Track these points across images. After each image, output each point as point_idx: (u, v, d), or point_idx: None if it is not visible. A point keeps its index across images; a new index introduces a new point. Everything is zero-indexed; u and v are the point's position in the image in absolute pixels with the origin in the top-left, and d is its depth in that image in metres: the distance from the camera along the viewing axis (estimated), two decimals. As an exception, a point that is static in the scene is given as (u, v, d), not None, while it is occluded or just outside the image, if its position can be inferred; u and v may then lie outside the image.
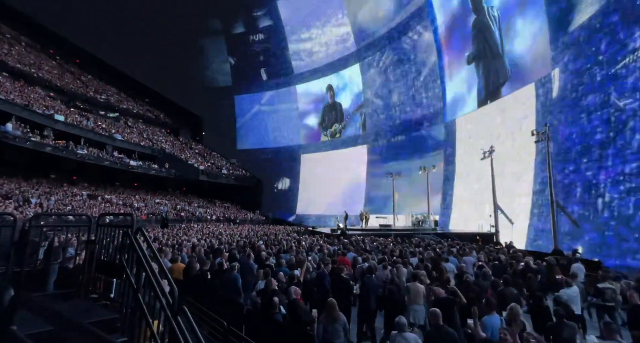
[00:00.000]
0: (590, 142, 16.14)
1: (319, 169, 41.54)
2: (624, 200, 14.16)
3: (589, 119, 16.26)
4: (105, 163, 29.68)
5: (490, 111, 24.26)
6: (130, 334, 2.42)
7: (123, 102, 43.56)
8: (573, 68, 17.51)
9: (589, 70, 16.36)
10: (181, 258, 8.21)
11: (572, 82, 17.56)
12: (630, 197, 13.92)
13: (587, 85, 16.48)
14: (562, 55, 18.34)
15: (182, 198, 36.76)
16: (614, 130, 14.94)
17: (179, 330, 2.10)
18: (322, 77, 42.05)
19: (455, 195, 27.09)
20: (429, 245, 13.05)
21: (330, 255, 9.31)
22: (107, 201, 27.16)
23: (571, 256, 10.87)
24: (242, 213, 37.99)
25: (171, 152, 38.06)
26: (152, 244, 3.06)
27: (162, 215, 27.99)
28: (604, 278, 6.89)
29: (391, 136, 34.80)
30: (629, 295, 6.01)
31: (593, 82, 16.15)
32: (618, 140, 14.70)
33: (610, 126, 15.14)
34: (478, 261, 8.89)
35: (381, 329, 6.06)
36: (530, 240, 19.22)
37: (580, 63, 17.03)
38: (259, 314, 5.01)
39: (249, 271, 7.19)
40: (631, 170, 14.00)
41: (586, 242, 15.62)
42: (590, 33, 16.49)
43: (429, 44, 30.64)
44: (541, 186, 18.76)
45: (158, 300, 2.31)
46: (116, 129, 35.77)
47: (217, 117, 49.08)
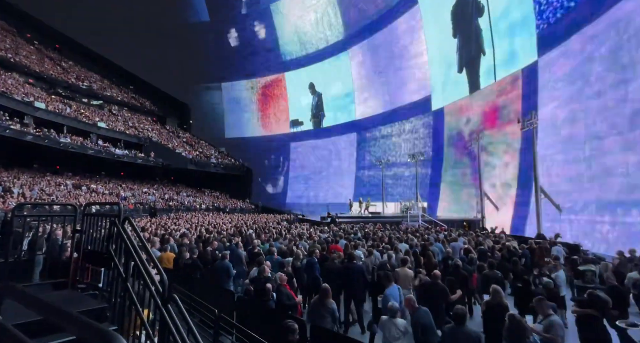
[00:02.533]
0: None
1: (308, 157, 41.48)
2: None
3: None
4: (89, 152, 29.01)
5: (479, 98, 24.44)
6: (120, 323, 2.43)
7: (107, 89, 42.32)
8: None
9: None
10: (170, 248, 8.18)
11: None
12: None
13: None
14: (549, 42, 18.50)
15: (170, 188, 36.37)
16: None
17: (169, 318, 2.11)
18: (311, 65, 41.51)
19: (443, 182, 27.48)
20: (417, 231, 13.30)
21: (320, 243, 9.41)
22: (93, 191, 26.68)
23: (553, 240, 11.25)
24: (231, 202, 37.86)
25: (158, 141, 37.40)
26: (141, 233, 3.04)
27: (150, 205, 27.69)
28: (585, 261, 7.18)
29: (381, 124, 34.83)
30: (606, 276, 6.30)
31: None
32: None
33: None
34: (464, 246, 9.11)
35: (368, 313, 6.22)
36: (515, 225, 19.74)
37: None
38: (250, 301, 5.06)
39: (238, 260, 7.23)
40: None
41: (567, 226, 16.13)
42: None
43: (416, 30, 30.43)
44: (526, 173, 19.15)
45: (147, 288, 2.31)
46: (100, 117, 34.86)
47: (205, 105, 48.15)
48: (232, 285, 6.60)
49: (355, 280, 5.82)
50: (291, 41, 42.70)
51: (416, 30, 30.65)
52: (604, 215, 14.58)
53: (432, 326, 4.06)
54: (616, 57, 14.62)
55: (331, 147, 39.74)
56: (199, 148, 42.60)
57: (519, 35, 20.80)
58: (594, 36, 15.75)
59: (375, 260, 7.22)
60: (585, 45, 16.15)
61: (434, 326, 4.07)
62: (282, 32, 43.16)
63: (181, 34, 47.24)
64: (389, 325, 3.96)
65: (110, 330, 0.85)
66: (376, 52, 35.08)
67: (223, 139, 47.13)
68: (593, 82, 15.65)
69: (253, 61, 45.17)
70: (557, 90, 17.85)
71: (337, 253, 7.38)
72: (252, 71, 45.48)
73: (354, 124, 37.92)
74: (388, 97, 34.24)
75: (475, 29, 24.89)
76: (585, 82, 16.06)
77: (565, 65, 17.40)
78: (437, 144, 28.51)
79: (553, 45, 18.18)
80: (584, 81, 16.19)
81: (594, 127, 15.48)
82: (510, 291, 6.93)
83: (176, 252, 7.73)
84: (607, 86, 14.92)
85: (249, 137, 45.87)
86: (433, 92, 29.48)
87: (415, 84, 31.38)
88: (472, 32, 25.24)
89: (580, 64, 16.45)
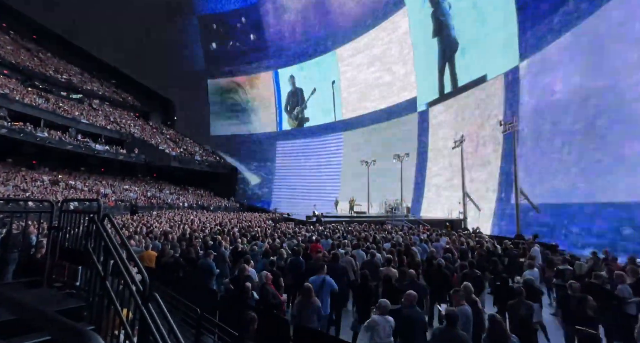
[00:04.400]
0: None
1: (295, 156, 41.37)
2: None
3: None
4: (68, 147, 28.11)
5: (462, 100, 24.91)
6: (98, 322, 2.36)
7: (87, 83, 41.12)
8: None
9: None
10: (152, 246, 8.03)
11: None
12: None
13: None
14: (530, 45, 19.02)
15: (152, 185, 35.63)
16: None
17: (149, 317, 2.07)
18: (299, 64, 41.38)
19: (426, 183, 27.90)
20: (401, 230, 13.46)
21: (305, 242, 9.40)
22: (71, 187, 25.87)
23: (531, 240, 11.59)
24: (215, 200, 37.42)
25: (140, 137, 36.58)
26: (121, 231, 2.96)
27: (132, 202, 27.06)
28: (564, 261, 7.43)
29: (368, 124, 35.06)
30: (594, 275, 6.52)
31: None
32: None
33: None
34: (447, 246, 9.27)
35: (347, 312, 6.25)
36: (496, 225, 20.23)
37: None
38: (232, 300, 5.02)
39: (222, 259, 7.16)
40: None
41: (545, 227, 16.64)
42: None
43: (404, 30, 30.75)
44: (506, 175, 19.64)
45: (127, 287, 2.25)
46: (80, 111, 33.82)
47: (190, 101, 47.33)
48: (215, 284, 6.52)
49: (338, 280, 5.83)
50: (279, 39, 42.44)
51: (403, 31, 30.95)
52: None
53: (426, 323, 4.15)
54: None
55: (318, 147, 39.75)
56: (183, 145, 41.89)
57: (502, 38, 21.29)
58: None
59: (359, 259, 7.26)
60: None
61: (426, 323, 4.16)
62: (269, 30, 42.85)
63: (166, 28, 46.31)
64: (382, 324, 3.94)
65: (87, 330, 0.83)
66: (364, 52, 35.26)
67: (208, 137, 46.48)
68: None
69: (240, 58, 44.69)
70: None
71: (322, 253, 7.39)
72: (239, 68, 44.99)
73: (340, 124, 38.03)
74: (375, 97, 34.48)
75: (448, 32, 25.79)
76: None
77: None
78: (422, 144, 28.91)
79: (534, 51, 18.72)
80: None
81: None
82: (489, 290, 7.10)
83: (158, 251, 7.58)
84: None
85: (235, 134, 45.36)
86: (418, 93, 29.87)
87: (401, 84, 31.72)
88: (445, 35, 26.17)
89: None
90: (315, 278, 5.20)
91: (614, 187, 13.47)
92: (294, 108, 41.62)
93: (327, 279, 5.17)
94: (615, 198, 13.45)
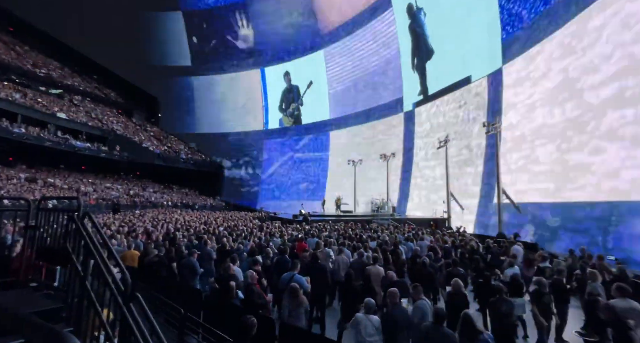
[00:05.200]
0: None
1: (282, 155, 41.23)
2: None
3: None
4: (47, 143, 27.21)
5: (447, 101, 25.31)
6: (77, 324, 2.30)
7: (67, 78, 39.88)
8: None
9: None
10: (135, 245, 7.86)
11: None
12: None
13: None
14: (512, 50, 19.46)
15: (135, 183, 34.88)
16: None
17: (131, 318, 2.02)
18: (286, 62, 41.21)
19: (412, 182, 28.25)
20: (387, 229, 13.59)
21: (291, 241, 9.38)
22: (50, 185, 25.07)
23: (512, 239, 11.89)
24: (201, 199, 36.92)
25: (123, 134, 35.75)
26: (102, 230, 2.89)
27: (113, 201, 26.42)
28: (544, 259, 7.66)
29: (354, 123, 35.23)
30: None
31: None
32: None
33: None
34: (430, 244, 9.41)
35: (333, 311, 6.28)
36: (479, 224, 20.66)
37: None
38: (217, 300, 4.96)
39: (207, 258, 7.07)
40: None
41: (526, 226, 17.10)
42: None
43: (391, 32, 31.02)
44: (489, 175, 20.07)
45: (108, 287, 2.20)
46: (60, 107, 32.79)
47: (175, 98, 46.49)
48: (199, 283, 6.44)
49: (319, 280, 5.84)
50: (266, 36, 42.15)
51: (390, 32, 31.22)
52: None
53: (410, 320, 4.21)
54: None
55: (305, 145, 39.72)
56: (167, 143, 41.16)
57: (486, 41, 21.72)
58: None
59: (345, 259, 7.28)
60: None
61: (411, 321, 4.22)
62: (256, 27, 42.50)
63: (150, 23, 45.36)
64: (365, 322, 3.97)
65: (64, 331, 0.80)
66: (351, 52, 35.40)
67: (193, 134, 45.81)
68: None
69: (226, 55, 44.19)
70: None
71: (308, 252, 7.39)
72: (225, 65, 44.48)
73: (327, 123, 38.10)
74: (361, 97, 34.68)
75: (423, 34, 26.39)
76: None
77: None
78: (408, 144, 29.25)
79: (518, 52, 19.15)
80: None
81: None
82: (471, 287, 7.24)
83: (141, 250, 7.44)
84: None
85: (221, 132, 44.84)
86: (405, 93, 30.20)
87: (388, 84, 31.99)
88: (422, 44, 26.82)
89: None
90: (285, 275, 5.24)
91: (594, 187, 13.92)
92: (290, 105, 41.35)
93: (296, 277, 5.18)
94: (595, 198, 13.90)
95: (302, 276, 5.37)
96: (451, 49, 24.85)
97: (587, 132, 14.37)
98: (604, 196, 13.39)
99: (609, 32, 13.77)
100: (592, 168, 14.00)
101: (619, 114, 13.00)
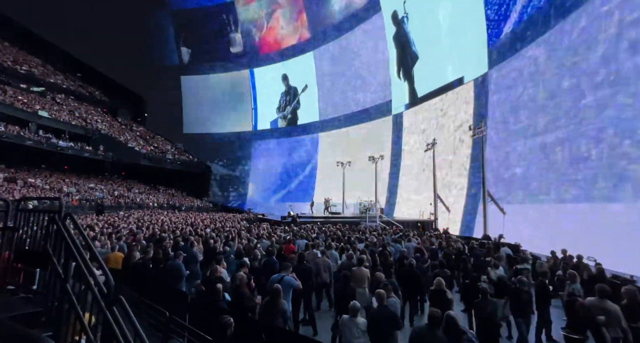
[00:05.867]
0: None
1: (271, 156, 41.05)
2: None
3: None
4: (27, 142, 26.43)
5: (436, 105, 25.66)
6: (57, 328, 2.23)
7: (50, 75, 38.89)
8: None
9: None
10: (119, 247, 7.69)
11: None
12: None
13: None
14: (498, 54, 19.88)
15: (120, 184, 34.18)
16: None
17: (114, 321, 1.98)
18: (276, 63, 41.11)
19: (400, 184, 28.50)
20: (374, 231, 13.65)
21: (279, 243, 9.33)
22: (31, 185, 24.35)
23: (497, 240, 12.10)
24: (188, 200, 36.42)
25: (108, 133, 35.02)
26: (84, 232, 2.82)
27: (97, 202, 25.82)
28: (523, 260, 7.81)
29: (343, 125, 35.36)
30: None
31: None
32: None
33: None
34: (417, 246, 9.50)
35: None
36: (464, 226, 20.97)
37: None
38: (203, 302, 4.89)
39: (193, 260, 6.97)
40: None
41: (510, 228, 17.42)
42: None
43: (380, 36, 31.29)
44: (475, 178, 20.41)
45: (90, 290, 2.15)
46: (42, 105, 31.91)
47: (162, 97, 45.78)
48: (184, 286, 6.34)
49: (305, 281, 5.82)
50: (255, 38, 41.99)
51: (380, 35, 31.48)
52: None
53: (398, 321, 4.24)
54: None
55: (294, 147, 39.65)
56: (154, 143, 40.51)
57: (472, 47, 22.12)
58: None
59: (328, 260, 7.23)
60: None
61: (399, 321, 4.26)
62: (246, 28, 42.30)
63: (138, 21, 44.65)
64: (350, 325, 3.98)
65: (42, 336, 0.78)
66: (340, 54, 35.56)
67: (181, 135, 45.19)
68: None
69: (215, 55, 43.82)
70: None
71: (297, 253, 7.36)
72: (214, 65, 44.10)
73: (316, 125, 38.13)
74: (351, 99, 34.84)
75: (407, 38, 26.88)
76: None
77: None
78: (397, 146, 29.51)
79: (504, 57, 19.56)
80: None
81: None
82: (457, 288, 7.35)
83: (125, 252, 7.28)
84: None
85: (209, 133, 44.38)
86: (393, 97, 30.48)
87: (377, 87, 32.24)
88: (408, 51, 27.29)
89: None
90: (275, 277, 5.20)
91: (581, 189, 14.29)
92: (285, 107, 41.23)
93: (286, 278, 5.16)
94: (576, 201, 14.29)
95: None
96: (438, 53, 25.22)
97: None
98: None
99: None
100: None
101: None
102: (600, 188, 13.33)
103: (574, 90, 14.84)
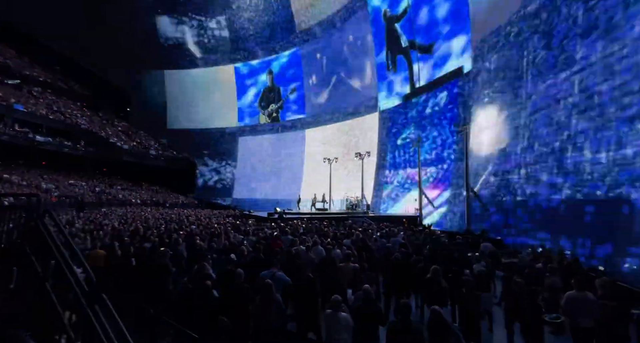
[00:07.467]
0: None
1: (257, 153, 40.73)
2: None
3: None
4: (2, 137, 25.45)
5: (419, 101, 25.92)
6: (35, 327, 2.18)
7: (26, 67, 37.45)
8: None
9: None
10: (101, 244, 7.52)
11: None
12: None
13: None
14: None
15: (102, 180, 33.34)
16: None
17: (95, 320, 1.94)
18: (261, 59, 40.70)
19: (387, 181, 28.76)
20: (361, 227, 13.76)
21: (265, 239, 9.30)
22: (6, 181, 23.48)
23: (480, 235, 12.40)
24: (172, 197, 35.85)
25: (89, 129, 34.04)
26: (64, 229, 2.74)
27: (77, 198, 25.12)
28: (508, 255, 8.04)
29: (330, 121, 35.36)
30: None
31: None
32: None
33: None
34: (402, 241, 9.63)
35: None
36: (448, 221, 21.35)
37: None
38: (190, 300, 4.84)
39: (179, 257, 6.88)
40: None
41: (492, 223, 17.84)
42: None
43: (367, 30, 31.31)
44: (458, 174, 20.77)
45: (71, 288, 2.10)
46: (17, 98, 30.72)
47: (146, 92, 44.69)
48: (170, 283, 6.25)
49: (292, 277, 5.82)
50: (241, 33, 41.41)
51: (366, 31, 31.49)
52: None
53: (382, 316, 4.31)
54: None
55: (280, 143, 39.46)
56: (137, 138, 39.63)
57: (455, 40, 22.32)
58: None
59: (312, 256, 7.25)
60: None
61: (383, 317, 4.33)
62: (232, 22, 41.65)
63: (119, 14, 43.29)
64: (332, 318, 4.00)
65: (19, 335, 0.75)
66: (327, 50, 35.45)
67: (164, 130, 44.31)
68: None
69: (200, 49, 43.04)
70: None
71: (284, 250, 7.36)
72: (198, 60, 43.32)
73: (303, 121, 38.02)
74: (337, 95, 34.84)
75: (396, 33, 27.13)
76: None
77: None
78: (383, 142, 29.72)
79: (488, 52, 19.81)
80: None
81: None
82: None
83: (108, 249, 7.11)
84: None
85: (194, 128, 43.65)
86: (379, 93, 30.63)
87: (364, 83, 32.32)
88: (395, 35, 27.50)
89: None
90: (266, 273, 5.17)
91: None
92: (269, 104, 40.76)
93: (278, 274, 5.16)
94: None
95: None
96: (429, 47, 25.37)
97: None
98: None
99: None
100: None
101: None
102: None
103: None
